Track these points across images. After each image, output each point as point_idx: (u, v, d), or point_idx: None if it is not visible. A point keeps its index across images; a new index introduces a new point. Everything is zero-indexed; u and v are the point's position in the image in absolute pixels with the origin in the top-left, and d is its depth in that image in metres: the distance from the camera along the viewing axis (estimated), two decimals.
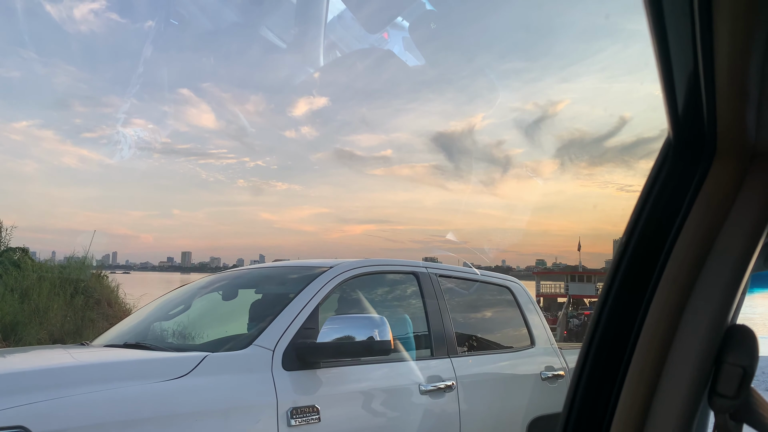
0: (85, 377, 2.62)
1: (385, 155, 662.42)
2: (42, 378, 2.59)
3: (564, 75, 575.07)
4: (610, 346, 0.92)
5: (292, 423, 2.82)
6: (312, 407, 2.93)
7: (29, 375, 2.66)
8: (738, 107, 0.78)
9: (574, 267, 63.51)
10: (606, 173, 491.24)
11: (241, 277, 4.36)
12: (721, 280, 0.86)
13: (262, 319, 3.35)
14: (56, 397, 2.42)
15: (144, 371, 2.75)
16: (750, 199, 0.87)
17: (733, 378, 0.83)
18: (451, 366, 3.70)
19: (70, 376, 2.63)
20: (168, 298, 4.26)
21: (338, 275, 3.51)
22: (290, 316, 3.15)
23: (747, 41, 0.67)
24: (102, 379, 2.62)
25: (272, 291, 3.92)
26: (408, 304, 3.97)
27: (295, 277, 3.80)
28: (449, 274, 4.20)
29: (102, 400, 2.50)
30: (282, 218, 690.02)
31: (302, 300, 3.26)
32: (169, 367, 2.77)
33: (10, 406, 2.28)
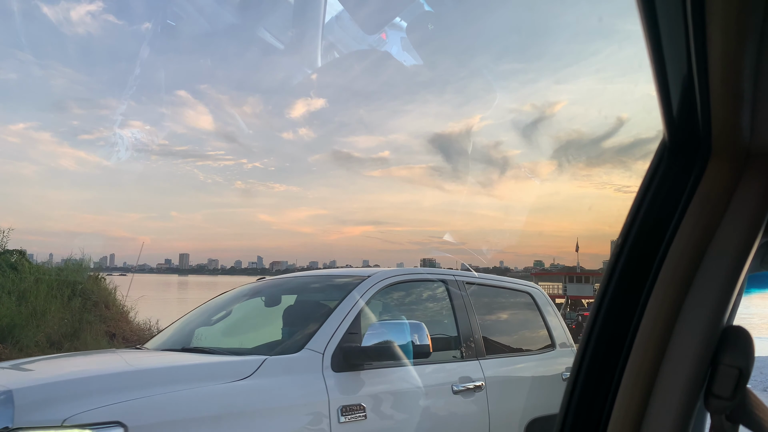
0: (168, 378, 2.95)
1: (383, 156, 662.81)
2: (132, 379, 2.93)
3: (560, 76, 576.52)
4: (606, 347, 0.92)
5: (341, 420, 3.08)
6: (359, 405, 3.19)
7: (121, 376, 2.99)
8: (732, 108, 0.78)
9: (572, 268, 63.57)
10: (603, 174, 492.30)
11: (282, 285, 4.63)
12: (717, 281, 0.86)
13: (298, 325, 3.75)
14: (146, 396, 2.73)
15: (214, 373, 3.04)
16: (745, 200, 0.87)
17: (729, 379, 0.83)
18: (480, 367, 3.96)
19: (156, 376, 2.97)
20: (210, 305, 4.57)
21: (376, 283, 3.78)
22: (336, 321, 3.42)
23: (740, 43, 0.67)
24: (181, 379, 2.94)
25: (312, 298, 4.26)
26: (438, 310, 4.22)
27: (334, 285, 4.14)
28: (475, 281, 4.45)
29: (184, 398, 2.81)
30: (280, 220, 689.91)
31: (345, 307, 3.54)
32: (235, 369, 3.06)
33: (108, 403, 2.60)
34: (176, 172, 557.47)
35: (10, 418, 2.52)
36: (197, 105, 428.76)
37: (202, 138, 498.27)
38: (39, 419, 2.54)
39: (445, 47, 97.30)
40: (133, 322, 16.78)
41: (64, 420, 2.51)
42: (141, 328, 16.71)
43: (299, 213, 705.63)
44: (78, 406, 2.58)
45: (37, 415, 2.54)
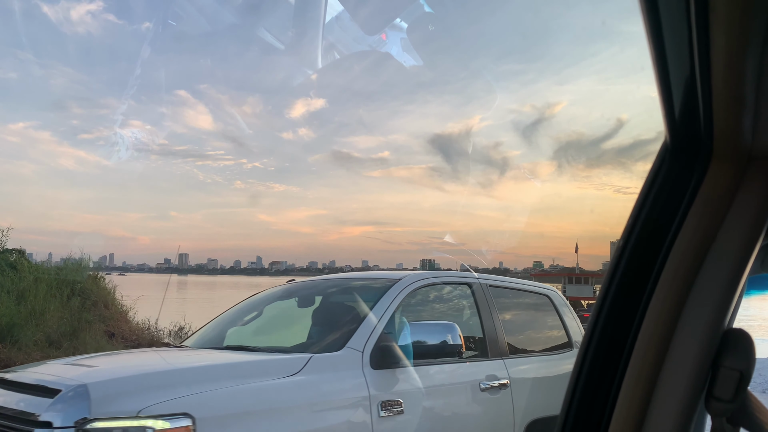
0: (227, 373, 3.17)
1: (383, 157, 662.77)
2: (194, 374, 3.16)
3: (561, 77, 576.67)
4: (607, 349, 0.92)
5: (381, 414, 3.31)
6: (396, 401, 3.41)
7: (184, 372, 3.24)
8: (734, 111, 0.78)
9: (572, 269, 63.54)
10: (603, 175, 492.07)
11: (315, 286, 4.89)
12: (718, 283, 0.86)
13: (334, 325, 3.99)
14: (209, 390, 2.96)
15: (267, 369, 3.28)
16: (747, 202, 0.87)
17: (729, 382, 0.82)
18: (504, 366, 4.16)
19: (216, 372, 3.19)
20: (243, 306, 4.82)
21: (407, 286, 4.00)
22: (373, 322, 3.65)
23: (743, 45, 0.67)
24: (238, 375, 3.17)
25: (345, 300, 4.50)
26: (464, 311, 4.46)
27: (366, 287, 4.41)
28: (497, 284, 4.68)
29: (243, 392, 3.03)
30: (279, 220, 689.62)
31: (381, 308, 3.76)
32: (284, 367, 3.28)
33: (177, 396, 2.83)
34: (176, 171, 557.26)
35: (87, 410, 2.71)
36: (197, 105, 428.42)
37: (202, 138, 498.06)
38: (115, 410, 2.75)
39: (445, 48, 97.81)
40: (132, 322, 16.77)
41: (139, 411, 2.73)
42: (140, 328, 16.71)
43: (299, 213, 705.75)
44: (149, 398, 2.80)
45: (112, 407, 2.76)
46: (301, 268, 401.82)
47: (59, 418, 2.72)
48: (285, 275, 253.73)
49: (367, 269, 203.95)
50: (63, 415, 2.72)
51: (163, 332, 17.78)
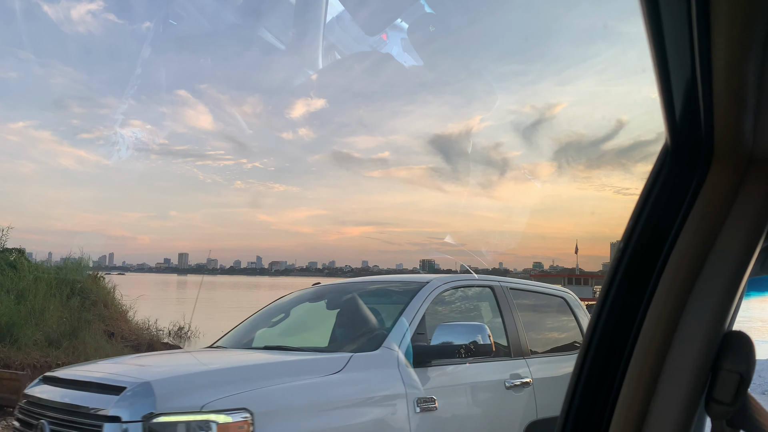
0: (275, 372, 3.39)
1: (383, 157, 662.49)
2: (248, 372, 3.36)
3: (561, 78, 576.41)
4: (607, 350, 0.92)
5: (417, 410, 3.49)
6: (431, 398, 3.60)
7: (238, 370, 3.44)
8: (735, 113, 0.78)
9: (571, 270, 63.49)
10: (603, 176, 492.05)
11: (344, 289, 5.07)
12: (718, 286, 0.86)
13: (362, 326, 4.21)
14: (264, 386, 3.16)
15: (312, 368, 3.48)
16: (747, 205, 0.87)
17: (730, 384, 0.82)
18: (527, 365, 4.34)
19: (268, 370, 3.42)
20: (271, 308, 5.07)
21: (436, 288, 4.19)
22: (406, 322, 3.85)
23: (744, 47, 0.67)
24: (288, 373, 3.38)
25: (375, 302, 4.71)
26: (487, 312, 4.67)
27: (394, 290, 4.66)
28: (517, 286, 4.88)
29: (295, 388, 3.24)
30: (279, 220, 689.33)
31: (412, 309, 3.95)
32: (328, 365, 3.47)
33: (236, 392, 3.02)
34: (176, 171, 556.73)
35: (153, 405, 2.90)
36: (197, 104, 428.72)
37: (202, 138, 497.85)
38: (179, 406, 2.95)
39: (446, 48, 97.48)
40: (132, 322, 16.77)
41: (202, 406, 2.92)
42: (140, 328, 16.70)
43: (299, 213, 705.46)
44: (211, 394, 2.99)
45: (177, 402, 2.96)
46: (300, 269, 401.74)
47: (127, 412, 2.89)
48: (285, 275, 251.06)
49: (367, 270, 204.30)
50: (130, 410, 2.90)
51: (163, 332, 17.78)
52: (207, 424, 2.89)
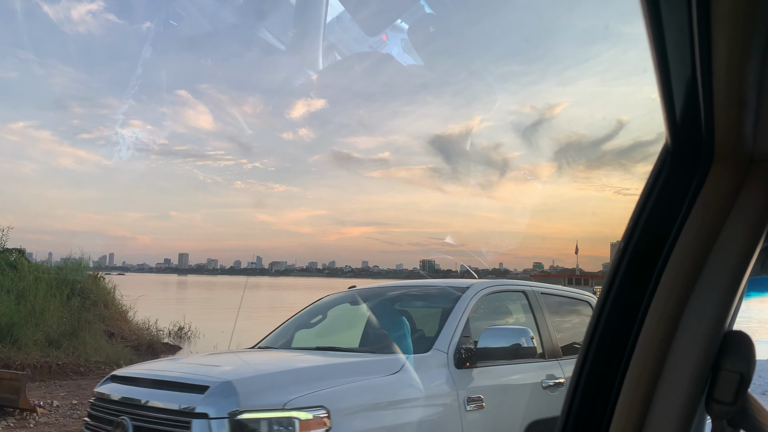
0: (342, 372, 3.61)
1: (383, 157, 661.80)
2: (318, 372, 3.59)
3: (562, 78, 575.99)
4: (608, 351, 0.92)
5: (467, 408, 3.72)
6: (478, 396, 3.81)
7: (309, 370, 3.66)
8: (735, 113, 0.78)
9: (572, 270, 63.50)
10: (603, 176, 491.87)
11: (383, 294, 5.28)
12: (718, 286, 0.86)
13: (408, 329, 4.42)
14: (336, 385, 3.38)
15: (373, 368, 3.72)
16: (747, 205, 0.87)
17: (730, 384, 0.82)
18: (559, 366, 4.52)
19: (334, 371, 3.63)
20: (309, 311, 5.29)
21: (476, 293, 4.42)
22: (452, 325, 4.06)
23: (744, 48, 0.67)
24: (353, 373, 3.60)
25: (416, 305, 5.00)
26: (521, 315, 4.86)
27: (435, 294, 4.88)
28: (546, 291, 5.10)
29: (362, 387, 3.48)
30: (279, 220, 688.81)
31: (457, 313, 4.16)
32: (386, 366, 3.70)
33: (312, 391, 3.24)
34: (176, 171, 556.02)
35: (237, 403, 3.10)
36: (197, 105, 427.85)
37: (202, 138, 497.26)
38: (261, 403, 3.15)
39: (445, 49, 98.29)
40: (132, 322, 16.76)
41: (285, 404, 3.13)
42: (140, 328, 16.69)
43: (299, 213, 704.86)
44: (291, 393, 3.20)
45: (258, 400, 3.16)
46: (301, 269, 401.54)
47: (214, 409, 3.09)
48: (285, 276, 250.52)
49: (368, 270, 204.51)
50: (217, 407, 3.10)
51: (163, 332, 17.78)
52: (290, 420, 3.09)
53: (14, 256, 15.05)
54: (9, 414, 8.21)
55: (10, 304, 12.37)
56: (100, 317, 14.91)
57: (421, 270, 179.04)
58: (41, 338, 12.31)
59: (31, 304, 12.93)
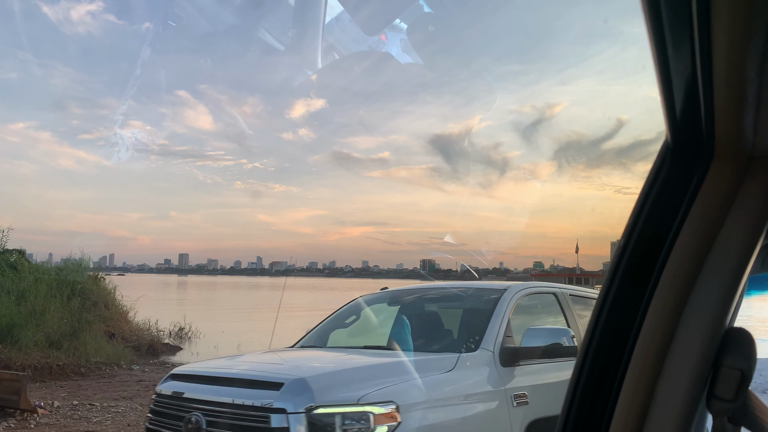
0: (402, 369, 3.82)
1: (383, 157, 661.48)
2: (381, 370, 3.82)
3: (561, 78, 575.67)
4: (608, 348, 0.92)
5: (514, 404, 3.93)
6: (523, 392, 4.02)
7: (374, 368, 3.91)
8: (735, 111, 0.78)
9: (572, 269, 63.45)
10: (603, 175, 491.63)
11: (422, 295, 5.52)
12: (719, 283, 0.86)
13: (452, 329, 4.75)
14: (399, 382, 3.58)
15: (430, 366, 3.89)
16: (747, 202, 0.87)
17: (731, 381, 0.82)
18: None
19: (396, 368, 3.87)
20: (344, 311, 5.51)
21: (514, 295, 4.65)
22: (495, 326, 4.27)
23: (744, 45, 0.67)
24: (410, 371, 3.77)
25: (457, 306, 5.17)
26: (554, 315, 5.06)
27: (473, 296, 5.09)
28: (574, 293, 5.32)
29: (424, 383, 3.63)
30: (279, 220, 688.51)
31: (498, 314, 4.37)
32: (442, 364, 3.91)
33: (381, 387, 3.45)
34: (176, 172, 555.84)
35: (311, 399, 3.29)
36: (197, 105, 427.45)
37: (202, 138, 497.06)
38: (336, 399, 3.34)
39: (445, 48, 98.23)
40: (132, 323, 16.75)
41: (359, 399, 3.33)
42: (140, 328, 16.69)
43: (299, 213, 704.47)
44: (363, 388, 3.41)
45: (332, 396, 3.35)
46: (301, 269, 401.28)
47: (291, 405, 3.27)
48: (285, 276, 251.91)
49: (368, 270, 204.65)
50: (294, 403, 3.28)
51: (163, 333, 17.77)
52: (365, 414, 3.30)
53: (14, 256, 15.04)
54: (10, 415, 8.21)
55: (10, 305, 12.37)
56: (101, 318, 14.91)
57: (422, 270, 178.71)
58: (42, 339, 12.31)
59: (31, 305, 12.92)
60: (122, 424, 8.17)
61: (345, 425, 3.28)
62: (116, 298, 16.78)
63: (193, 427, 3.50)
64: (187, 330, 18.82)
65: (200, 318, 21.92)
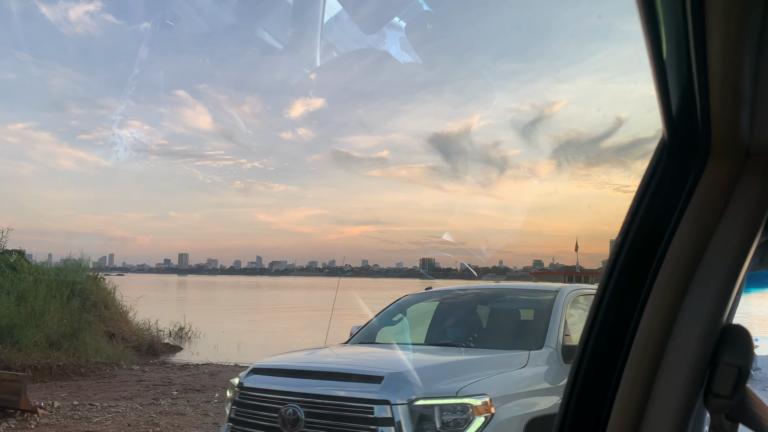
0: (484, 365, 4.08)
1: (382, 156, 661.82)
2: (467, 365, 4.07)
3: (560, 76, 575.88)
4: (605, 346, 0.92)
5: None
6: None
7: (460, 363, 4.17)
8: (731, 107, 0.78)
9: (572, 267, 63.48)
10: (603, 174, 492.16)
11: (476, 295, 5.77)
12: (716, 280, 0.86)
13: (513, 327, 5.03)
14: (487, 376, 3.84)
15: (507, 362, 4.15)
16: (744, 199, 0.87)
17: (728, 378, 0.83)
18: None
19: (477, 364, 4.10)
20: (391, 310, 5.75)
21: (567, 295, 4.92)
22: (555, 325, 4.54)
23: (739, 42, 0.67)
24: (491, 366, 4.05)
25: (510, 306, 5.46)
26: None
27: (525, 298, 5.42)
28: None
29: (507, 378, 3.91)
30: (279, 220, 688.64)
31: (556, 314, 4.65)
32: (516, 360, 4.17)
33: (475, 380, 3.71)
34: (175, 171, 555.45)
35: (412, 391, 3.57)
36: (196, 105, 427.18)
37: (201, 138, 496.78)
38: (438, 391, 3.60)
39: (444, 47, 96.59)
40: (132, 323, 16.75)
41: (458, 391, 3.60)
42: (140, 328, 16.69)
43: (298, 213, 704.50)
44: (460, 381, 3.67)
45: (432, 388, 3.60)
46: (301, 268, 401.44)
47: (394, 397, 3.54)
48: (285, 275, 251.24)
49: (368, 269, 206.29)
50: (397, 394, 3.54)
51: (163, 332, 17.78)
52: (465, 406, 3.54)
53: (14, 257, 15.04)
54: (10, 415, 8.21)
55: (10, 306, 12.37)
56: (101, 318, 14.91)
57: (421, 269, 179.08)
58: (41, 339, 12.31)
59: (31, 306, 12.92)
60: (122, 424, 8.17)
61: (444, 416, 3.52)
62: (116, 298, 16.79)
63: (291, 418, 3.69)
64: (187, 330, 18.83)
65: (200, 318, 21.93)
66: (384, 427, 3.49)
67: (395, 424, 3.47)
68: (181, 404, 9.45)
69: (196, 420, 8.46)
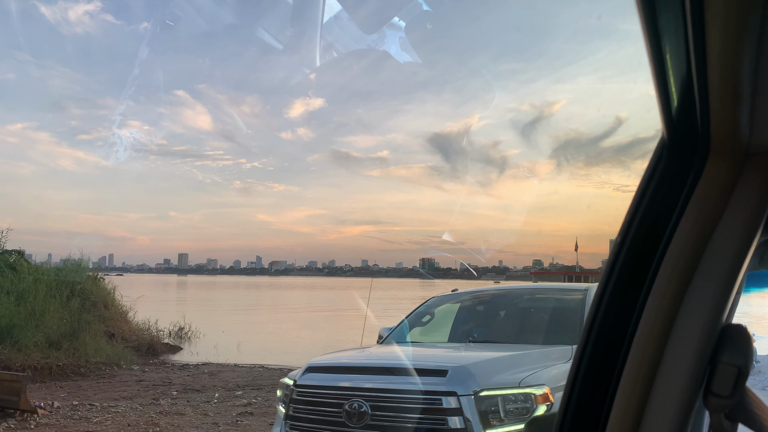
0: (535, 359, 4.29)
1: (382, 156, 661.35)
2: (520, 359, 4.26)
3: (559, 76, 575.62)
4: (605, 345, 0.92)
5: None
6: None
7: (513, 357, 4.30)
8: (731, 107, 0.78)
9: (571, 267, 63.54)
10: (602, 173, 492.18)
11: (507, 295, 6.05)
12: (715, 280, 0.86)
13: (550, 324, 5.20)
14: (541, 369, 4.03)
15: (554, 356, 4.35)
16: (744, 199, 0.87)
17: (728, 377, 0.83)
18: None
19: (531, 357, 4.32)
20: (422, 311, 5.94)
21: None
22: None
23: (739, 41, 0.67)
24: (542, 359, 4.27)
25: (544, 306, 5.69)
26: None
27: (554, 297, 5.67)
28: None
29: (557, 371, 4.03)
30: (278, 220, 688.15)
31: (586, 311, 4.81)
32: (563, 354, 4.35)
33: (533, 372, 3.92)
34: (175, 171, 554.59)
35: (476, 383, 3.75)
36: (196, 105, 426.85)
37: (201, 138, 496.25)
38: (501, 382, 3.79)
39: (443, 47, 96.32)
40: (132, 323, 16.75)
41: (520, 382, 3.79)
42: (140, 329, 16.69)
43: (298, 213, 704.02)
44: (521, 373, 3.87)
45: (494, 380, 3.80)
46: (300, 268, 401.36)
47: (461, 388, 3.73)
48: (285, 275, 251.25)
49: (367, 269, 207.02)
50: (463, 386, 3.73)
51: (163, 332, 17.77)
52: (528, 396, 3.73)
53: (14, 257, 15.04)
54: (10, 415, 8.21)
55: (10, 306, 12.36)
56: (100, 318, 14.91)
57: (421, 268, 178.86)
58: (41, 340, 12.30)
59: (31, 306, 12.92)
60: (122, 424, 8.17)
61: (508, 405, 3.71)
62: (116, 298, 16.78)
63: (357, 412, 3.87)
64: (187, 330, 18.83)
65: (200, 318, 21.92)
66: (452, 417, 3.68)
67: (462, 414, 3.67)
68: (180, 404, 9.45)
69: (195, 420, 8.47)
